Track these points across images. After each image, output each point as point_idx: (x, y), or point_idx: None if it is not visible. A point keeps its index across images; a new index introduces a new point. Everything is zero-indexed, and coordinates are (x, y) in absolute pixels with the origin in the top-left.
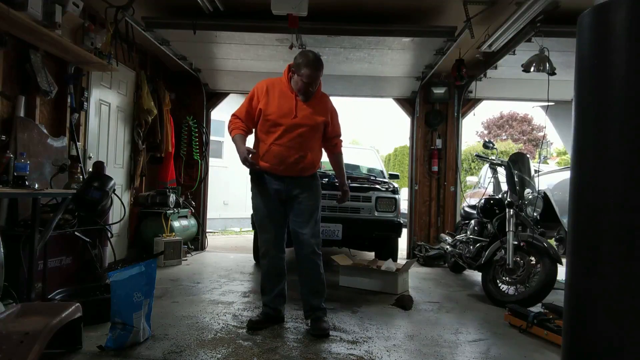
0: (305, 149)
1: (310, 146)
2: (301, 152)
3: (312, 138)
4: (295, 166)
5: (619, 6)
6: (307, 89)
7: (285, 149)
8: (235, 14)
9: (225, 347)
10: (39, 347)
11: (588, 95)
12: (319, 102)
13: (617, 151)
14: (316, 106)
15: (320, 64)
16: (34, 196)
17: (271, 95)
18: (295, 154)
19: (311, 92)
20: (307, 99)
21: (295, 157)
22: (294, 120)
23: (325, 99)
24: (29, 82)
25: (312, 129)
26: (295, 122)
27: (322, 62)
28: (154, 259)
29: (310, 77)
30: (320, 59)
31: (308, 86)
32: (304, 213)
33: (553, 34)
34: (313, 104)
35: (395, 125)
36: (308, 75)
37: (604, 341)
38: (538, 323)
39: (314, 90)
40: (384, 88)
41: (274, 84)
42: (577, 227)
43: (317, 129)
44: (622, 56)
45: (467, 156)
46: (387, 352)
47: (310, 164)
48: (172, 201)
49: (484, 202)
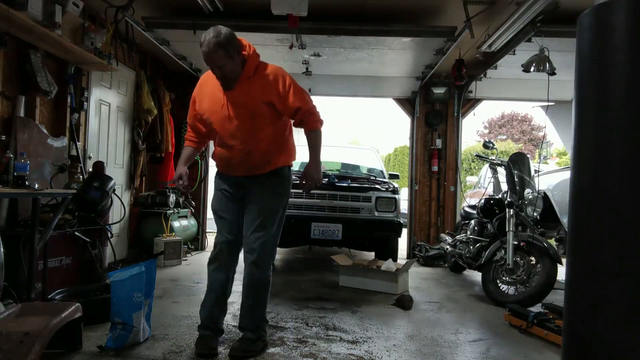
0: (251, 144)
1: (259, 137)
2: (246, 149)
3: (258, 127)
4: (242, 166)
5: (619, 6)
6: (217, 75)
7: (227, 150)
8: (235, 14)
9: (225, 348)
10: (39, 347)
11: (588, 95)
12: (254, 82)
13: (617, 151)
14: (250, 87)
15: (212, 41)
16: (34, 196)
17: (204, 92)
18: (239, 152)
19: (227, 77)
20: (228, 86)
21: (240, 157)
22: (223, 113)
23: (265, 75)
24: (29, 82)
25: (251, 116)
26: (225, 115)
27: (218, 37)
28: (154, 259)
29: (207, 61)
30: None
31: (214, 71)
32: (251, 215)
33: (553, 34)
34: (246, 86)
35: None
36: (204, 58)
37: (604, 341)
38: (538, 323)
39: (227, 74)
40: (384, 88)
41: (207, 79)
42: (577, 227)
43: (257, 114)
44: (622, 56)
45: (467, 156)
46: (387, 352)
47: (261, 161)
48: (172, 201)
49: (484, 202)
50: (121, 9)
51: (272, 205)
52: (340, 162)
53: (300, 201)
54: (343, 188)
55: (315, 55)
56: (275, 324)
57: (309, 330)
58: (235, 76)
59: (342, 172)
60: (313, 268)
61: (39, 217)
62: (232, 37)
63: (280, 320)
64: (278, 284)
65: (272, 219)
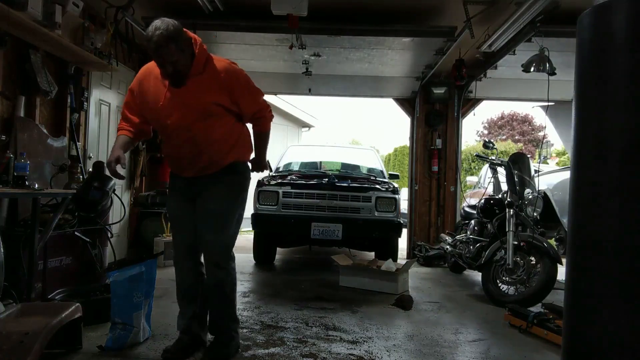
0: (201, 145)
1: (210, 138)
2: (195, 150)
3: (208, 128)
4: (192, 167)
5: (619, 6)
6: (167, 72)
7: (175, 150)
8: (235, 14)
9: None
10: (39, 347)
11: (588, 95)
12: (204, 80)
13: (618, 151)
14: (200, 86)
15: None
16: (34, 196)
17: (146, 87)
18: (188, 153)
19: (176, 74)
20: (177, 83)
21: (189, 158)
22: (169, 112)
23: (217, 73)
24: (29, 82)
25: (200, 117)
26: (172, 115)
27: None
28: (154, 259)
29: (157, 57)
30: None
31: (164, 67)
32: (206, 216)
33: (553, 34)
34: (195, 84)
35: (395, 125)
36: (153, 54)
37: (604, 341)
38: (538, 323)
39: (179, 70)
40: (384, 88)
41: (148, 72)
42: (577, 227)
43: (207, 114)
44: (622, 56)
45: (467, 156)
46: (387, 352)
47: (212, 160)
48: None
49: (484, 202)
50: (121, 9)
51: (228, 204)
52: (340, 162)
53: (300, 201)
54: (343, 188)
55: (315, 55)
56: (275, 324)
57: (309, 330)
58: (186, 72)
59: (342, 172)
60: (313, 268)
61: (39, 217)
62: (182, 29)
63: (280, 320)
64: (278, 284)
65: (229, 217)
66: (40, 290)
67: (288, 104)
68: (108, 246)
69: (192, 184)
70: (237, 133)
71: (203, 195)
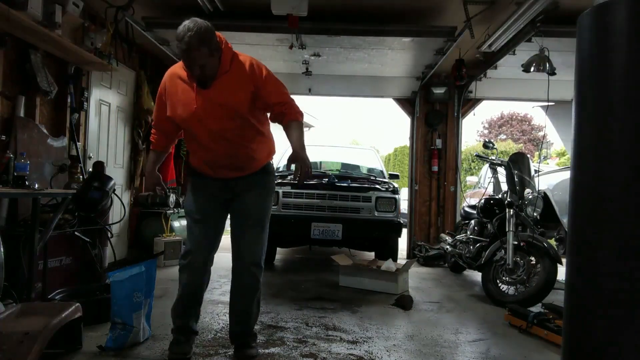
0: (236, 146)
1: (244, 138)
2: (230, 151)
3: (241, 127)
4: (228, 168)
5: (619, 6)
6: (194, 74)
7: (208, 152)
8: (235, 14)
9: (225, 348)
10: (39, 347)
11: (588, 95)
12: (231, 76)
13: (617, 151)
14: (229, 84)
15: (194, 37)
16: (34, 196)
17: (174, 91)
18: (223, 155)
19: (205, 76)
20: (204, 85)
21: (225, 159)
22: (200, 115)
23: (241, 66)
24: (29, 82)
25: (233, 116)
26: (204, 117)
27: (199, 33)
28: (154, 259)
29: (186, 59)
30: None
31: (193, 70)
32: (246, 216)
33: (553, 34)
34: (224, 83)
35: (395, 125)
36: (184, 57)
37: (604, 341)
38: (538, 323)
39: (205, 72)
40: (384, 88)
41: (175, 75)
42: (577, 227)
43: (239, 113)
44: (622, 56)
45: (467, 156)
46: (387, 352)
47: (249, 162)
48: (172, 201)
49: (484, 202)
50: (121, 9)
51: (266, 204)
52: (340, 162)
53: (300, 201)
54: (343, 188)
55: (315, 55)
56: (275, 324)
57: (309, 330)
58: (214, 74)
59: (342, 172)
60: (313, 268)
61: (39, 217)
62: (213, 31)
63: (280, 320)
64: (278, 284)
65: (267, 218)
66: (40, 290)
67: None
68: (108, 246)
69: (226, 185)
70: (267, 131)
71: (241, 196)
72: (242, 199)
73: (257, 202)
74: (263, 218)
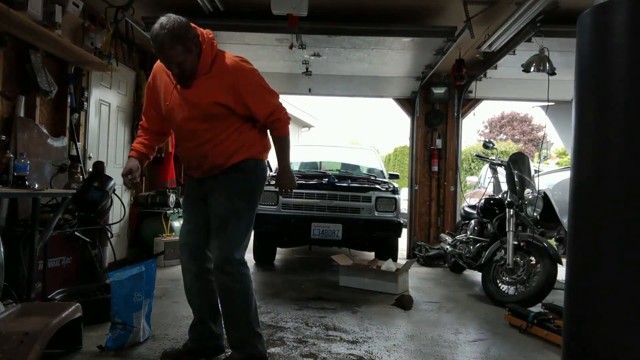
0: (206, 147)
1: (215, 140)
2: (201, 152)
3: (213, 129)
4: (200, 168)
5: (619, 6)
6: (174, 73)
7: (184, 150)
8: (235, 14)
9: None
10: (39, 347)
11: (588, 95)
12: (212, 80)
13: (617, 151)
14: (208, 87)
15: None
16: (34, 196)
17: (156, 83)
18: (196, 154)
19: (185, 74)
20: (184, 84)
21: (197, 158)
22: (176, 112)
23: (225, 72)
24: (29, 82)
25: (205, 118)
26: (179, 115)
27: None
28: (154, 259)
29: (162, 58)
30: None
31: (171, 69)
32: (213, 218)
33: (553, 34)
34: (203, 85)
35: (395, 125)
36: (159, 56)
37: (604, 341)
38: (538, 323)
39: (184, 69)
40: (384, 88)
41: (161, 66)
42: (577, 227)
43: (212, 116)
44: (622, 56)
45: (467, 156)
46: (387, 352)
47: (219, 162)
48: (172, 201)
49: (484, 202)
50: (121, 9)
51: (235, 206)
52: (340, 162)
53: (300, 201)
54: (343, 188)
55: (315, 55)
56: (275, 324)
57: (309, 330)
58: (194, 72)
59: (342, 172)
60: (313, 268)
61: (39, 217)
62: (189, 26)
63: (280, 320)
64: (278, 284)
65: (236, 221)
66: (40, 290)
67: (288, 104)
68: (108, 246)
69: (201, 185)
70: (247, 135)
71: (211, 196)
72: (210, 200)
73: (222, 203)
74: (229, 219)
